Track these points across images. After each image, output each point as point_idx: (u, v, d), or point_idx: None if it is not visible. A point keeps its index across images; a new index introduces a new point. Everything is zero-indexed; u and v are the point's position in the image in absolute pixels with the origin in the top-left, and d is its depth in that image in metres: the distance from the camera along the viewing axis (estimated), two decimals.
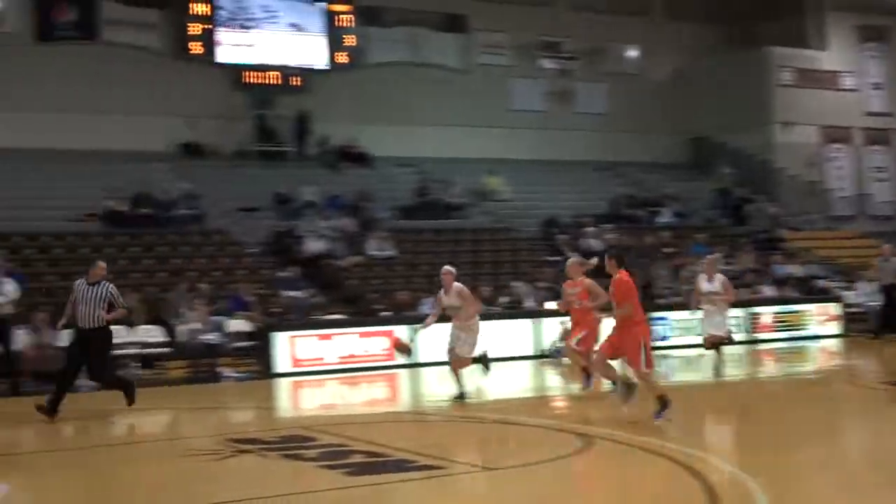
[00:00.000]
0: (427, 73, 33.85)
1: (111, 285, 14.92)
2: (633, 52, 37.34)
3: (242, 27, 31.20)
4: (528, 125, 34.70)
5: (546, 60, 35.58)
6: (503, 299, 24.83)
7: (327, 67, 32.12)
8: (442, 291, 15.57)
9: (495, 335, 22.81)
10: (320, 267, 25.68)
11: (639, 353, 12.44)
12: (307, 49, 31.97)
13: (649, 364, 12.53)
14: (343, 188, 29.48)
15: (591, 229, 29.28)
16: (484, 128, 33.69)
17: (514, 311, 24.26)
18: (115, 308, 14.80)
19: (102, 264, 15.04)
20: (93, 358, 14.84)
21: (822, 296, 27.82)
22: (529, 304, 24.73)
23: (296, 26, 31.93)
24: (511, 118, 34.64)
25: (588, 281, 15.63)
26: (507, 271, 27.59)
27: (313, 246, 26.01)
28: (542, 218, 30.50)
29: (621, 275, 12.78)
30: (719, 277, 18.20)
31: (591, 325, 15.72)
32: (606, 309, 14.15)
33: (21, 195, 26.15)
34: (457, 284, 15.41)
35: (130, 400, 14.89)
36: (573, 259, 16.69)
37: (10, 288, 18.86)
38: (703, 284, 18.21)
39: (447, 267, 15.68)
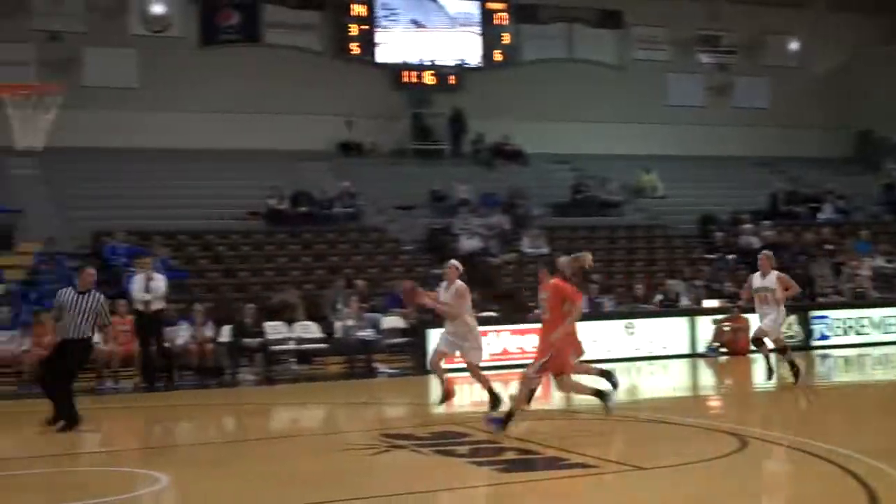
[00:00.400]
0: (582, 70, 33.70)
1: (101, 296, 13.93)
2: (793, 45, 36.48)
3: (400, 27, 31.59)
4: (685, 121, 34.23)
5: (704, 55, 35.03)
6: (658, 297, 24.59)
7: (482, 65, 32.28)
8: (444, 285, 14.46)
9: (650, 333, 22.72)
10: (474, 264, 25.80)
11: (545, 355, 12.02)
12: (463, 47, 32.19)
13: (542, 371, 12.15)
14: (497, 186, 29.58)
15: (748, 226, 28.77)
16: (640, 124, 33.37)
17: (669, 309, 24.00)
18: (99, 318, 13.69)
19: (91, 271, 14.00)
20: (68, 367, 13.68)
21: None
22: (685, 302, 24.44)
23: (452, 25, 32.16)
24: (668, 114, 34.23)
25: (559, 284, 14.50)
26: (662, 269, 27.31)
27: (468, 243, 26.16)
28: (699, 215, 30.06)
29: (556, 281, 12.33)
30: (775, 274, 16.87)
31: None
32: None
33: (186, 194, 26.97)
34: (459, 283, 14.21)
35: (65, 426, 13.47)
36: (563, 258, 15.42)
37: (159, 284, 19.15)
38: (756, 280, 16.96)
39: (453, 261, 14.64)
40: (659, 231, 29.75)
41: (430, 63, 31.81)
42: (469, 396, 18.06)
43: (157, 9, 28.94)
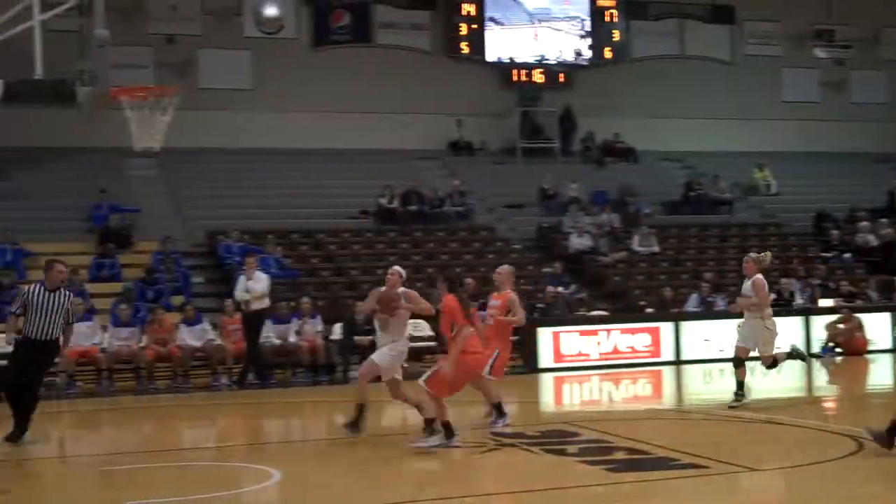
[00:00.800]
0: (693, 66, 33.33)
1: (71, 294, 13.17)
2: None
3: (510, 25, 31.63)
4: (799, 116, 33.63)
5: (819, 49, 34.37)
6: (771, 296, 24.18)
7: (592, 63, 32.16)
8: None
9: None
10: (584, 263, 25.75)
11: (443, 380, 11.30)
12: (573, 45, 32.10)
13: (438, 390, 11.38)
14: (607, 183, 29.44)
15: (865, 224, 28.18)
16: (752, 120, 32.88)
17: (784, 308, 23.61)
18: (66, 317, 12.72)
19: (62, 267, 12.95)
20: (38, 371, 12.86)
21: None
22: (799, 301, 24.04)
23: (561, 23, 32.09)
24: (782, 110, 33.69)
25: (513, 295, 13.71)
26: (776, 267, 26.86)
27: (577, 242, 26.08)
28: (813, 212, 29.52)
29: (447, 300, 11.75)
30: (754, 278, 14.77)
31: (504, 346, 13.62)
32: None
33: (298, 194, 27.36)
34: (406, 290, 12.84)
35: (13, 437, 12.60)
36: (505, 268, 14.17)
37: (257, 285, 19.27)
38: (744, 287, 15.07)
39: (396, 268, 13.17)
40: (772, 229, 29.29)
41: (539, 61, 31.78)
42: (580, 396, 18.05)
43: (271, 11, 29.38)
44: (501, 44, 31.48)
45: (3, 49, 14.36)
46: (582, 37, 32.21)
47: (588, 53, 32.17)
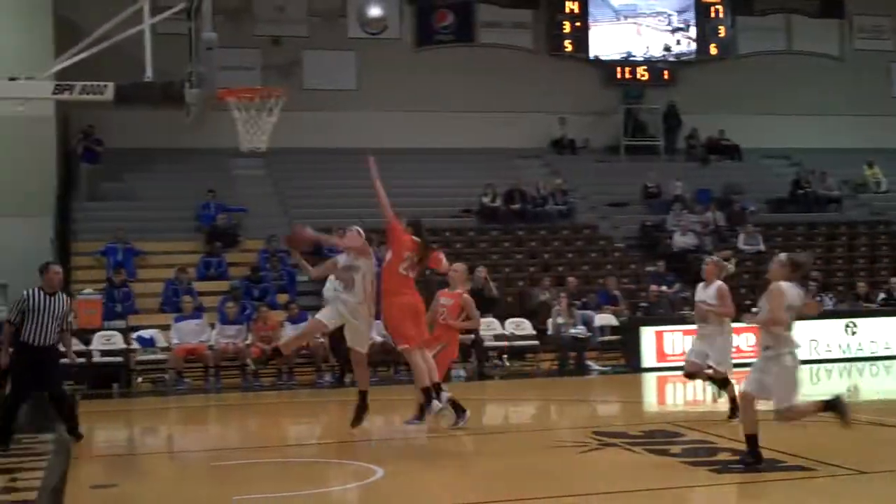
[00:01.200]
0: (800, 62, 32.76)
1: (69, 298, 12.93)
2: None
3: (613, 23, 31.43)
4: None
5: None
6: (881, 296, 23.74)
7: (696, 59, 31.82)
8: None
9: (872, 333, 21.95)
10: (688, 261, 25.46)
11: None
12: (678, 42, 31.78)
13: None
14: (711, 181, 29.10)
15: None
16: (861, 116, 32.21)
17: (892, 307, 23.14)
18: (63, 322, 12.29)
19: (58, 269, 12.49)
20: (50, 375, 12.25)
21: None
22: None
23: (665, 19, 31.80)
24: (892, 105, 32.95)
25: (467, 297, 13.33)
26: (885, 266, 26.34)
27: (681, 240, 25.83)
28: None
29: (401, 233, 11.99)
30: (717, 284, 13.11)
31: (452, 345, 13.23)
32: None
33: (401, 192, 27.42)
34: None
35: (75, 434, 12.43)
36: (459, 265, 13.78)
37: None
38: (698, 291, 13.44)
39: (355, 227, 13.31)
40: (882, 227, 28.68)
41: (643, 58, 31.54)
42: (683, 396, 17.87)
43: (375, 12, 29.59)
44: (605, 41, 31.29)
45: (113, 53, 14.67)
46: (687, 33, 31.83)
47: (693, 50, 31.78)
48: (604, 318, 21.94)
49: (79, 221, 24.57)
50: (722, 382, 13.31)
